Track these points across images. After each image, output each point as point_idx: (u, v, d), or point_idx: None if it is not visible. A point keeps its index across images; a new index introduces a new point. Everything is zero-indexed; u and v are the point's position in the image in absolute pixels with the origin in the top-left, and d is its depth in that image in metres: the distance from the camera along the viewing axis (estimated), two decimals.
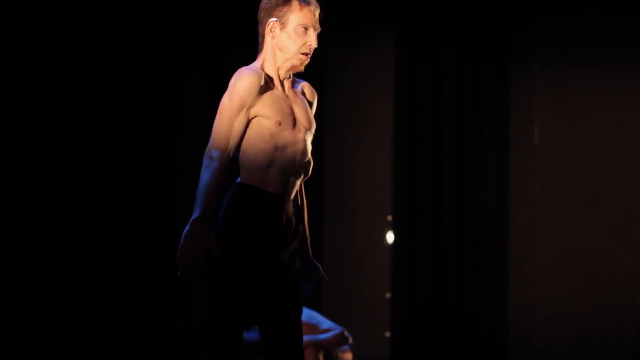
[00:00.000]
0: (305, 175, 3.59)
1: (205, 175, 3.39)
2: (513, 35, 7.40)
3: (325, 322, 6.12)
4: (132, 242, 6.10)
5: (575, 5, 7.33)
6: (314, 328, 6.03)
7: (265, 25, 3.55)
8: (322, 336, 6.01)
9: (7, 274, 5.66)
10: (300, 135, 3.54)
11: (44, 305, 5.80)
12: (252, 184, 3.47)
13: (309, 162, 3.58)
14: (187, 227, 3.36)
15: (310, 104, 3.68)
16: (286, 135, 3.50)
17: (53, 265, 5.83)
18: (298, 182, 3.57)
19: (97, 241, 5.99)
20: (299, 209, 3.65)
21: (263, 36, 3.56)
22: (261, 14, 3.56)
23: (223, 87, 3.52)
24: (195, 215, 3.36)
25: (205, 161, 3.41)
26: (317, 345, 5.95)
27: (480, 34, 7.37)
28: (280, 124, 3.48)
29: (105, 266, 6.02)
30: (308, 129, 3.58)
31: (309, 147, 3.58)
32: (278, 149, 3.48)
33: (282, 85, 3.58)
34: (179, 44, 6.41)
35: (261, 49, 3.58)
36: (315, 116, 3.70)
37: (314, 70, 3.70)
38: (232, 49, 6.53)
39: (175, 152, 6.40)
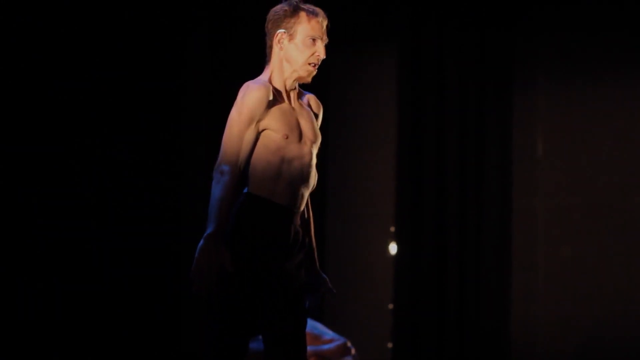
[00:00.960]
0: (311, 188, 3.60)
1: (217, 189, 3.38)
2: (516, 48, 7.42)
3: (328, 333, 6.12)
4: (134, 246, 6.10)
5: (578, 18, 7.35)
6: (317, 339, 6.02)
7: (273, 37, 3.55)
8: (325, 347, 6.00)
9: (6, 281, 5.67)
10: (306, 148, 3.55)
11: (46, 308, 5.79)
12: (261, 195, 3.48)
13: (314, 174, 3.59)
14: (202, 242, 3.35)
15: (316, 116, 3.69)
16: (293, 148, 3.50)
17: (55, 269, 5.83)
18: (306, 194, 3.57)
19: (98, 245, 5.98)
20: (305, 221, 3.66)
21: (271, 47, 3.57)
22: (269, 25, 3.57)
23: (224, 89, 3.51)
24: (209, 230, 3.35)
25: (216, 176, 3.40)
26: (320, 356, 5.94)
27: (483, 46, 7.40)
28: (287, 137, 3.49)
29: (108, 270, 6.02)
30: (314, 142, 3.59)
31: (315, 160, 3.59)
32: (285, 161, 3.48)
33: (289, 97, 3.59)
34: (181, 44, 6.42)
35: (269, 60, 3.59)
36: (319, 127, 3.71)
37: (318, 82, 3.71)
38: (235, 52, 6.55)
39: (177, 157, 6.41)
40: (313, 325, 6.04)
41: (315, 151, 3.60)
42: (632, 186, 7.20)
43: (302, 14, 3.53)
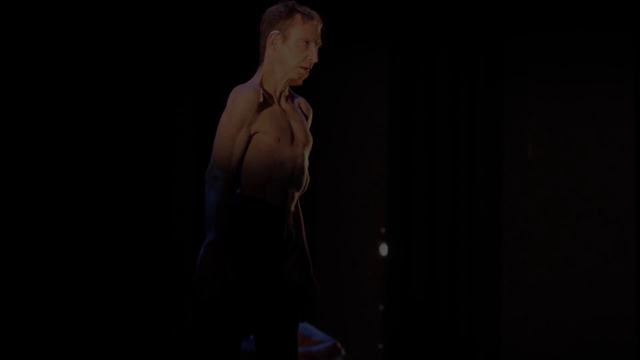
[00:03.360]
0: (302, 190, 3.59)
1: (212, 195, 3.34)
2: (507, 48, 7.43)
3: (318, 334, 6.11)
4: (125, 243, 6.11)
5: (570, 20, 7.37)
6: (307, 339, 6.02)
7: (266, 37, 3.54)
8: (315, 348, 6.00)
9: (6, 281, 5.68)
10: (298, 151, 3.54)
11: (38, 306, 5.79)
12: (253, 196, 3.47)
13: (306, 177, 3.59)
14: (203, 249, 3.31)
15: (306, 117, 3.69)
16: (284, 150, 3.49)
17: (48, 268, 5.83)
18: (297, 195, 3.56)
19: (90, 243, 5.99)
20: (297, 223, 3.66)
21: (264, 48, 3.56)
22: (263, 26, 3.56)
23: (215, 92, 3.50)
24: (209, 237, 3.31)
25: (209, 181, 3.37)
26: (310, 357, 5.94)
27: (474, 45, 7.41)
28: (279, 140, 3.48)
29: (98, 269, 6.03)
30: (305, 144, 3.58)
31: (306, 162, 3.58)
32: (277, 164, 3.47)
33: (280, 99, 3.58)
34: (174, 48, 6.43)
35: (261, 61, 3.58)
36: (310, 130, 3.70)
37: (308, 83, 3.70)
38: (228, 55, 6.56)
39: (169, 159, 6.42)
40: (303, 326, 6.03)
41: (307, 153, 3.59)
42: (620, 188, 7.22)
43: (297, 16, 3.52)
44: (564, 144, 7.36)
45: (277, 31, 3.53)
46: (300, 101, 3.71)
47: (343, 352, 6.08)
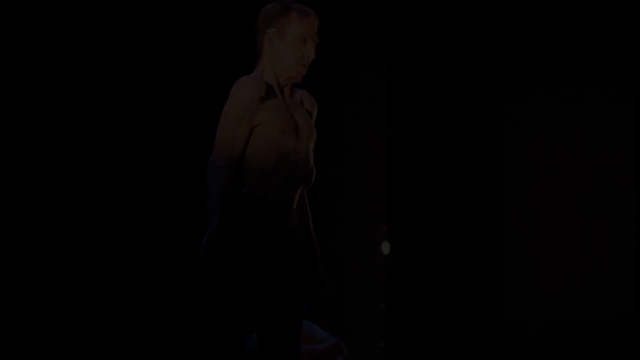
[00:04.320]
0: (308, 183, 3.58)
1: (215, 185, 3.34)
2: (508, 50, 7.43)
3: (321, 333, 6.11)
4: (126, 240, 6.12)
5: (570, 24, 7.37)
6: (309, 338, 6.01)
7: (264, 35, 3.54)
8: (318, 346, 5.99)
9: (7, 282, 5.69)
10: (302, 143, 3.53)
11: (39, 305, 5.81)
12: (257, 195, 3.46)
13: (311, 169, 3.58)
14: (205, 239, 3.31)
15: (310, 113, 3.69)
16: (289, 143, 3.48)
17: (48, 267, 5.84)
18: (300, 191, 3.55)
19: (90, 239, 6.00)
20: (303, 219, 3.65)
21: (261, 46, 3.55)
22: (260, 24, 3.56)
23: (217, 85, 3.50)
24: (212, 227, 3.31)
25: (212, 171, 3.36)
26: (313, 356, 5.93)
27: (475, 44, 7.40)
28: (283, 132, 3.47)
29: (99, 266, 6.04)
30: (310, 136, 3.58)
31: (311, 155, 3.57)
32: (281, 156, 3.46)
33: (282, 93, 3.58)
34: (176, 41, 6.44)
35: (259, 59, 3.58)
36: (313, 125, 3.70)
37: (309, 78, 3.70)
38: (228, 49, 6.56)
39: (170, 152, 6.43)
40: (306, 325, 6.02)
41: (311, 146, 3.59)
42: (620, 189, 7.22)
43: (294, 14, 3.52)
44: (564, 142, 7.36)
45: (273, 29, 3.53)
46: (304, 95, 3.70)
47: (345, 350, 6.07)
